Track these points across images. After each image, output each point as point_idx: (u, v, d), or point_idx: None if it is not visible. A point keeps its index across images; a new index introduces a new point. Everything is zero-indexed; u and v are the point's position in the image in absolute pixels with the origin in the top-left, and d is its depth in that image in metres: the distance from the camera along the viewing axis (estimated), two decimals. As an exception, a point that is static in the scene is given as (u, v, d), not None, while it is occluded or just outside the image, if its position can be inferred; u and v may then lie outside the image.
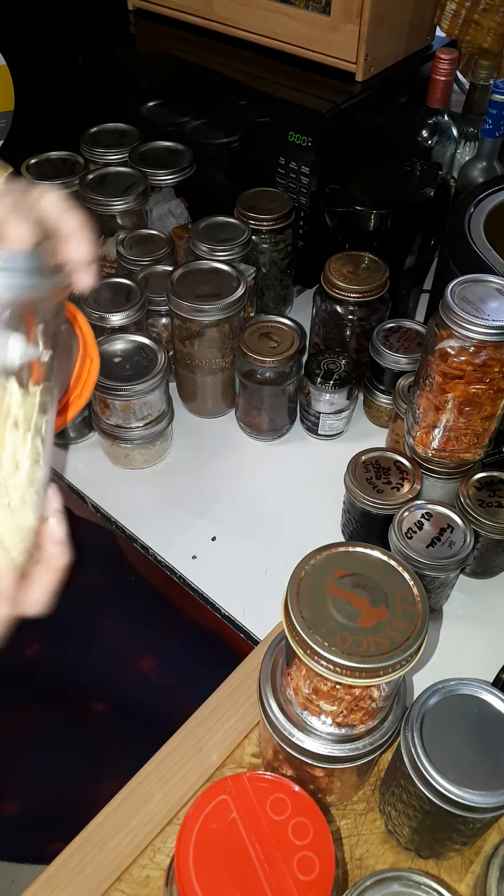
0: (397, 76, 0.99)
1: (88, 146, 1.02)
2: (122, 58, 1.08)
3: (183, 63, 1.01)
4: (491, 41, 1.07)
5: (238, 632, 0.75)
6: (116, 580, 0.90)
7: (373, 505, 0.70)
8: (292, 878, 0.39)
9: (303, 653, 0.44)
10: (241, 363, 0.85)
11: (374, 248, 0.88)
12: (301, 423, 0.92)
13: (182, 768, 0.61)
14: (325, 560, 0.47)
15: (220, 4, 1.00)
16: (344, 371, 0.84)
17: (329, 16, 0.91)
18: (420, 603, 0.45)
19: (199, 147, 1.03)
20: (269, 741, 0.53)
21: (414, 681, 0.68)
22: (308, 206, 0.97)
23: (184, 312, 0.82)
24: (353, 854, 0.56)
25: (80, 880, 0.55)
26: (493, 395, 0.63)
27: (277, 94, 0.93)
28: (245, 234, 0.90)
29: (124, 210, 0.96)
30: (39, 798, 0.76)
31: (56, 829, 0.70)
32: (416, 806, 0.50)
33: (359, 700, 0.47)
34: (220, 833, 0.40)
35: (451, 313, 0.59)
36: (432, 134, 1.01)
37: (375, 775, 0.60)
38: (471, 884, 0.55)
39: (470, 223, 0.82)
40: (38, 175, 1.00)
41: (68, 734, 0.80)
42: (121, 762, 0.77)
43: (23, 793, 0.75)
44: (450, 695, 0.51)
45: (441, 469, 0.72)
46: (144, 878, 0.55)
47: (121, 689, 0.84)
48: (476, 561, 0.75)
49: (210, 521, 0.83)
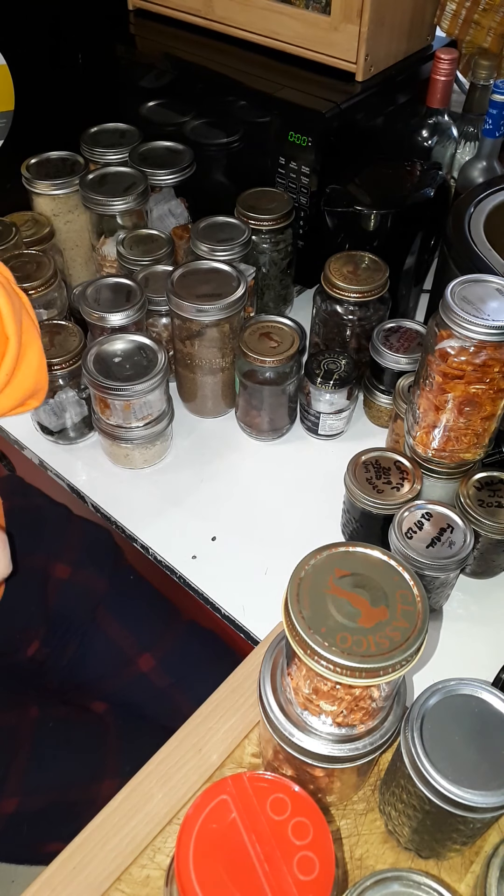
0: (397, 76, 0.99)
1: (88, 146, 1.02)
2: (122, 58, 1.08)
3: (183, 63, 1.01)
4: (491, 41, 1.07)
5: (238, 632, 0.75)
6: (116, 580, 0.90)
7: (373, 505, 0.70)
8: (292, 878, 0.39)
9: (303, 653, 0.44)
10: (241, 363, 0.85)
11: (374, 248, 0.88)
12: (301, 423, 0.92)
13: (182, 768, 0.61)
14: (325, 560, 0.47)
15: (220, 4, 1.00)
16: (344, 371, 0.84)
17: (329, 16, 0.91)
18: (420, 603, 0.45)
19: (200, 147, 1.03)
20: (269, 741, 0.53)
21: (414, 681, 0.68)
22: (308, 206, 0.97)
23: (184, 312, 0.82)
24: (353, 854, 0.56)
25: (80, 880, 0.55)
26: (493, 395, 0.63)
27: (277, 94, 0.93)
28: (245, 234, 0.90)
29: (124, 210, 0.96)
30: (39, 798, 0.76)
31: (56, 829, 0.70)
32: (416, 806, 0.50)
33: (359, 700, 0.47)
34: (220, 833, 0.40)
35: (451, 313, 0.59)
36: (432, 134, 1.01)
37: (375, 775, 0.60)
38: (471, 884, 0.55)
39: (470, 223, 0.82)
40: (38, 175, 1.00)
41: (68, 734, 0.80)
42: (121, 762, 0.77)
43: (22, 792, 0.75)
44: (450, 695, 0.51)
45: (441, 469, 0.72)
46: (144, 878, 0.55)
47: (121, 689, 0.85)
48: (476, 561, 0.75)
49: (210, 521, 0.83)
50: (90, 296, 0.86)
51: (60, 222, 1.03)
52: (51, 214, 1.02)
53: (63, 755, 0.78)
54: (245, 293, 0.83)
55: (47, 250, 0.98)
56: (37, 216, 1.02)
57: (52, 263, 0.93)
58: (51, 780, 0.76)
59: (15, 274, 0.90)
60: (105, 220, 0.99)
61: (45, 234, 1.00)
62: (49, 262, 0.93)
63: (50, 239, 1.01)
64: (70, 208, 1.02)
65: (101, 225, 1.00)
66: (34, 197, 1.02)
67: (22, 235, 0.97)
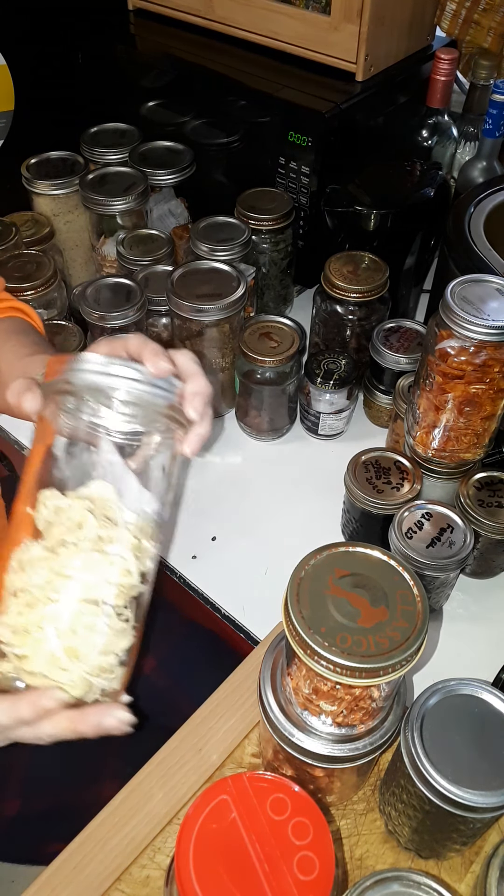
0: (397, 76, 0.99)
1: (88, 146, 1.03)
2: (122, 58, 1.08)
3: (183, 63, 1.01)
4: (491, 41, 1.07)
5: (238, 632, 0.75)
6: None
7: (373, 505, 0.70)
8: (292, 878, 0.39)
9: (303, 653, 0.44)
10: (241, 363, 0.85)
11: (374, 248, 0.88)
12: (301, 423, 0.92)
13: (182, 768, 0.61)
14: (325, 560, 0.47)
15: (220, 4, 1.00)
16: (344, 371, 0.84)
17: (329, 16, 0.91)
18: (420, 603, 0.45)
19: (200, 147, 1.03)
20: (269, 741, 0.53)
21: (414, 681, 0.68)
22: (308, 206, 0.97)
23: (184, 312, 0.82)
24: (353, 854, 0.56)
25: (80, 880, 0.55)
26: (493, 395, 0.63)
27: (277, 94, 0.93)
28: (245, 234, 0.90)
29: (124, 210, 0.96)
30: (39, 799, 0.76)
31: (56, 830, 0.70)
32: (416, 806, 0.50)
33: (359, 700, 0.47)
34: (220, 833, 0.40)
35: (451, 313, 0.59)
36: (432, 134, 1.01)
37: (375, 775, 0.60)
38: (471, 884, 0.55)
39: (470, 223, 0.82)
40: (38, 175, 1.00)
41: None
42: (121, 762, 0.77)
43: (23, 794, 0.75)
44: (450, 695, 0.51)
45: (441, 469, 0.72)
46: (144, 878, 0.55)
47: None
48: (476, 561, 0.75)
49: (210, 521, 0.83)
50: (90, 296, 0.85)
51: (60, 222, 1.03)
52: (51, 214, 1.02)
53: (63, 756, 0.78)
54: (245, 293, 0.83)
55: (47, 250, 0.98)
56: (37, 216, 1.02)
57: (52, 263, 0.93)
58: (52, 782, 0.76)
59: (15, 274, 0.91)
60: (105, 220, 0.99)
61: (44, 234, 1.00)
62: (49, 262, 0.93)
63: (50, 239, 1.01)
64: (70, 208, 1.02)
65: (101, 225, 1.00)
66: (34, 197, 1.02)
67: (22, 235, 0.97)
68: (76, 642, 0.47)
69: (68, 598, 0.47)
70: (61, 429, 0.52)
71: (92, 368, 0.48)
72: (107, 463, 0.51)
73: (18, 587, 0.48)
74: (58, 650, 0.46)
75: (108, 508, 0.50)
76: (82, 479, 0.52)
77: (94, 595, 0.47)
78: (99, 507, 0.50)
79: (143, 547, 0.50)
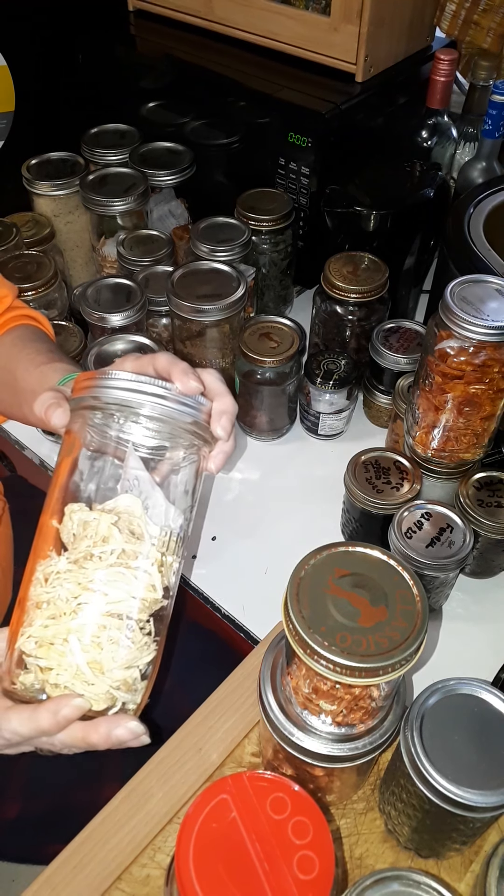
0: (397, 77, 0.99)
1: (89, 147, 1.03)
2: (122, 58, 1.09)
3: (183, 63, 1.02)
4: (491, 42, 1.07)
5: (238, 632, 0.75)
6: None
7: (373, 505, 0.71)
8: (292, 878, 0.39)
9: (303, 652, 0.44)
10: (241, 363, 0.85)
11: (373, 248, 0.88)
12: (301, 423, 0.92)
13: (182, 768, 0.61)
14: (325, 560, 0.47)
15: (220, 5, 1.00)
16: (344, 371, 0.84)
17: (329, 16, 0.91)
18: (420, 603, 0.45)
19: (200, 148, 1.03)
20: (269, 740, 0.53)
21: (414, 681, 0.68)
22: (308, 206, 0.97)
23: (184, 313, 0.82)
24: (352, 853, 0.56)
25: (80, 879, 0.55)
26: (493, 395, 0.63)
27: (277, 94, 0.93)
28: (245, 235, 0.90)
29: (125, 210, 0.96)
30: (40, 800, 0.76)
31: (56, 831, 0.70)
32: (416, 805, 0.50)
33: (359, 699, 0.47)
34: (220, 832, 0.40)
35: (451, 313, 0.59)
36: (432, 134, 1.01)
37: (375, 775, 0.60)
38: (471, 883, 0.55)
39: (470, 223, 0.82)
40: (39, 176, 1.00)
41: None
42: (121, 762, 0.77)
43: (23, 796, 0.75)
44: (450, 694, 0.51)
45: (441, 469, 0.72)
46: (145, 878, 0.55)
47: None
48: (476, 561, 0.75)
49: (210, 521, 0.83)
50: (90, 296, 0.86)
51: (61, 223, 1.03)
52: (51, 215, 1.02)
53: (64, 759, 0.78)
54: (245, 294, 0.83)
55: (48, 251, 0.99)
56: (37, 217, 1.02)
57: (53, 264, 0.93)
58: (52, 784, 0.76)
59: (16, 275, 0.91)
60: (105, 221, 0.99)
61: (45, 235, 1.00)
62: (49, 262, 0.93)
63: (50, 240, 1.01)
64: (70, 209, 1.02)
65: (101, 225, 1.00)
66: (35, 198, 1.02)
67: (22, 236, 0.97)
68: (100, 656, 0.47)
69: (93, 611, 0.47)
70: (88, 443, 0.52)
71: (120, 385, 0.48)
72: (133, 478, 0.51)
73: (44, 599, 0.48)
74: (82, 663, 0.46)
75: (133, 523, 0.51)
76: (108, 493, 0.52)
77: (119, 609, 0.48)
78: (124, 521, 0.50)
79: (167, 562, 0.51)
